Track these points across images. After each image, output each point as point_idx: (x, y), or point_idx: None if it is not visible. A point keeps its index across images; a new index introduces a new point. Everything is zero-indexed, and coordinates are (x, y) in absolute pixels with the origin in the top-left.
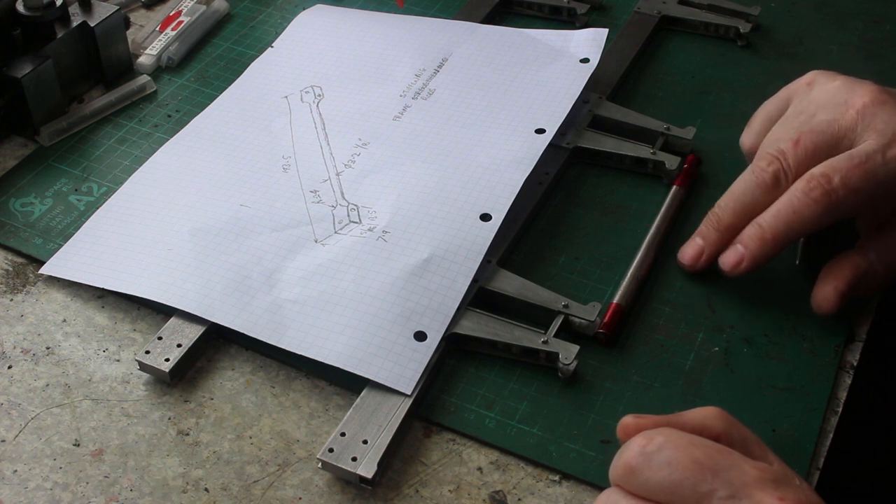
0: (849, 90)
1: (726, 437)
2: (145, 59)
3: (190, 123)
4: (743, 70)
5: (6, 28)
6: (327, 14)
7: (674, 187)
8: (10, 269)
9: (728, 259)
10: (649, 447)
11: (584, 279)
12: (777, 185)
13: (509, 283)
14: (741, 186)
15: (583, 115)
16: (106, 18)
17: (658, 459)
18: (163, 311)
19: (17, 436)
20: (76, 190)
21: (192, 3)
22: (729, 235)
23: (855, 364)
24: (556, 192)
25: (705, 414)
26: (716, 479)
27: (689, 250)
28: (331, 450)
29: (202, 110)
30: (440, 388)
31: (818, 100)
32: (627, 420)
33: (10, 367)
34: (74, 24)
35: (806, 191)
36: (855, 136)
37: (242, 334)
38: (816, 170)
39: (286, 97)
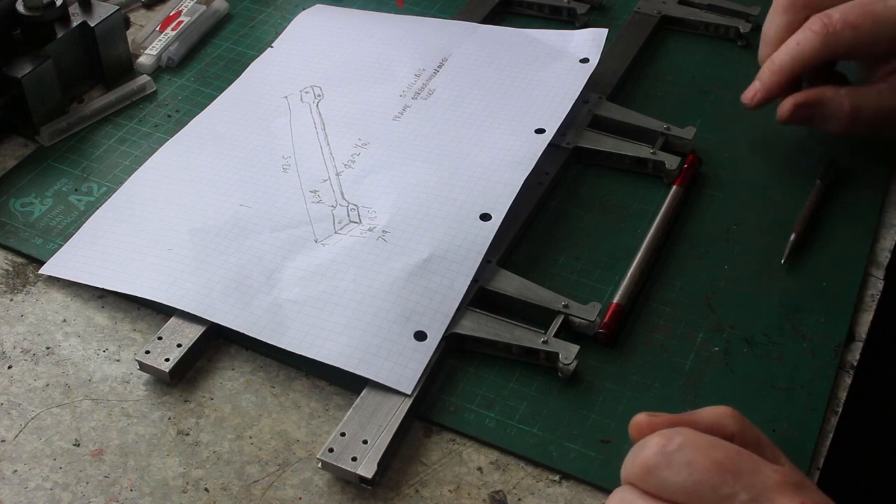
0: None
1: (740, 438)
2: (145, 59)
3: (190, 123)
4: (743, 70)
5: (6, 28)
6: (327, 14)
7: (674, 187)
8: (10, 269)
9: (746, 93)
10: (669, 447)
11: (584, 279)
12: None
13: (509, 283)
14: (794, 37)
15: (583, 115)
16: (106, 18)
17: (678, 460)
18: (163, 311)
19: (17, 436)
20: (76, 190)
21: (192, 3)
22: (780, 78)
23: (855, 364)
24: (556, 192)
25: (719, 413)
26: (737, 482)
27: (748, 91)
28: (331, 450)
29: (202, 110)
30: (440, 388)
31: None
32: (641, 418)
33: (10, 367)
34: (74, 24)
35: (809, 25)
36: None
37: (242, 334)
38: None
39: (286, 97)
